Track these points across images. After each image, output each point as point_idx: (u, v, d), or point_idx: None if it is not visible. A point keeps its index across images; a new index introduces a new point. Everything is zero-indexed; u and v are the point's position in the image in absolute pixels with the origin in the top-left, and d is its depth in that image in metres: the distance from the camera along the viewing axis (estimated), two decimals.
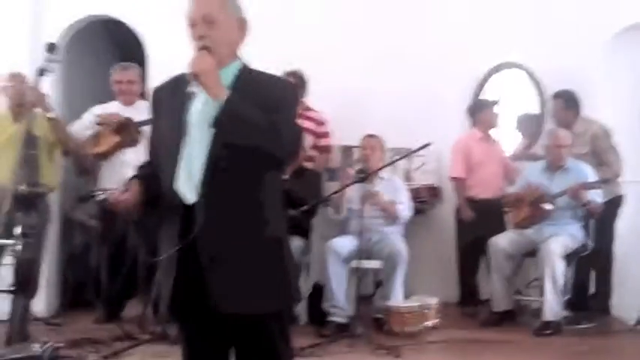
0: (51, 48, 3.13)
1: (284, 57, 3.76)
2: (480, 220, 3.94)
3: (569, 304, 3.71)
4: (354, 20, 4.27)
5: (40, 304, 3.69)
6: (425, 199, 4.13)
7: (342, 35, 4.24)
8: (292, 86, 1.75)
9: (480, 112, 4.11)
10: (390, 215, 3.72)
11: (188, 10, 1.60)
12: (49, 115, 3.25)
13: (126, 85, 3.71)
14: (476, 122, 4.13)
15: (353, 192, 3.73)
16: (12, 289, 3.15)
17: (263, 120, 1.52)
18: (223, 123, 1.51)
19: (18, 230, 3.10)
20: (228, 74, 1.61)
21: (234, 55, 1.65)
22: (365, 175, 3.59)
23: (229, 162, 1.55)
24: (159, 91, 1.71)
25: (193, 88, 1.53)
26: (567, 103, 3.96)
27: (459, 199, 4.08)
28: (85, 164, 3.95)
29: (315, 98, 3.80)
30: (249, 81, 1.62)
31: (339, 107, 4.09)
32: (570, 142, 3.78)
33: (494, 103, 4.17)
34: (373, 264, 3.72)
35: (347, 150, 4.20)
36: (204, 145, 1.55)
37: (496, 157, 4.14)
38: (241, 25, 1.66)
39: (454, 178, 4.09)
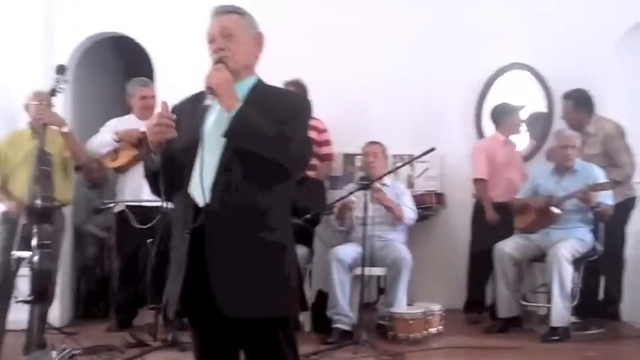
0: (60, 69, 3.28)
1: (285, 64, 3.78)
2: (497, 225, 3.88)
3: (578, 310, 3.64)
4: (355, 25, 4.24)
5: (55, 313, 3.81)
6: (428, 205, 4.10)
7: (343, 41, 4.23)
8: (305, 101, 1.80)
9: (505, 116, 4.04)
10: (394, 215, 3.71)
11: (208, 28, 1.69)
12: (63, 129, 3.38)
13: (151, 100, 3.79)
14: (499, 126, 4.06)
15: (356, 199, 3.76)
16: (29, 298, 3.27)
17: (273, 131, 1.59)
18: (234, 132, 1.59)
19: (34, 242, 3.22)
20: (244, 88, 1.69)
21: (250, 70, 1.73)
22: (368, 182, 3.61)
23: (239, 169, 1.61)
24: (179, 107, 1.78)
25: (209, 101, 1.62)
26: (577, 104, 3.87)
27: (483, 201, 3.96)
28: (94, 177, 4.08)
29: (316, 106, 3.80)
30: (262, 94, 1.70)
31: (341, 114, 4.10)
32: (578, 143, 3.70)
33: (520, 108, 4.11)
34: (377, 271, 3.72)
35: (349, 158, 4.20)
36: (217, 153, 1.63)
37: (516, 161, 4.09)
38: (258, 41, 1.74)
39: (478, 180, 4.00)
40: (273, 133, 1.59)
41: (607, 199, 3.58)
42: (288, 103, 1.70)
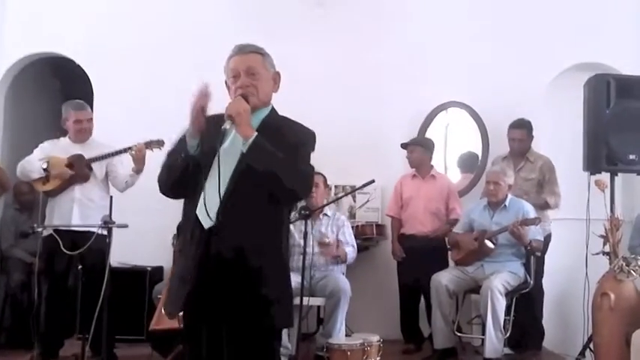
0: None
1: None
2: (414, 257, 3.96)
3: (511, 342, 3.74)
4: (298, 55, 4.24)
5: None
6: (369, 236, 4.15)
7: (286, 71, 4.26)
8: (310, 132, 1.93)
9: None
10: (341, 259, 3.75)
11: (232, 63, 1.88)
12: None
13: (87, 124, 3.68)
14: None
15: (295, 229, 3.76)
16: None
17: (285, 158, 1.76)
18: (250, 156, 1.75)
19: None
20: (258, 117, 1.88)
21: (267, 104, 1.93)
22: (308, 212, 3.61)
23: (249, 193, 1.75)
24: (209, 119, 1.85)
25: (227, 125, 1.77)
26: (529, 131, 4.07)
27: (392, 236, 4.13)
28: (24, 199, 3.85)
29: None
30: (274, 122, 1.89)
31: None
32: (509, 181, 3.84)
33: (406, 145, 4.14)
34: (316, 301, 3.70)
35: None
36: (227, 176, 1.77)
37: (427, 194, 4.07)
38: (276, 79, 1.96)
39: (388, 216, 4.17)
40: (285, 160, 1.76)
41: (537, 235, 3.75)
42: (296, 133, 1.88)
